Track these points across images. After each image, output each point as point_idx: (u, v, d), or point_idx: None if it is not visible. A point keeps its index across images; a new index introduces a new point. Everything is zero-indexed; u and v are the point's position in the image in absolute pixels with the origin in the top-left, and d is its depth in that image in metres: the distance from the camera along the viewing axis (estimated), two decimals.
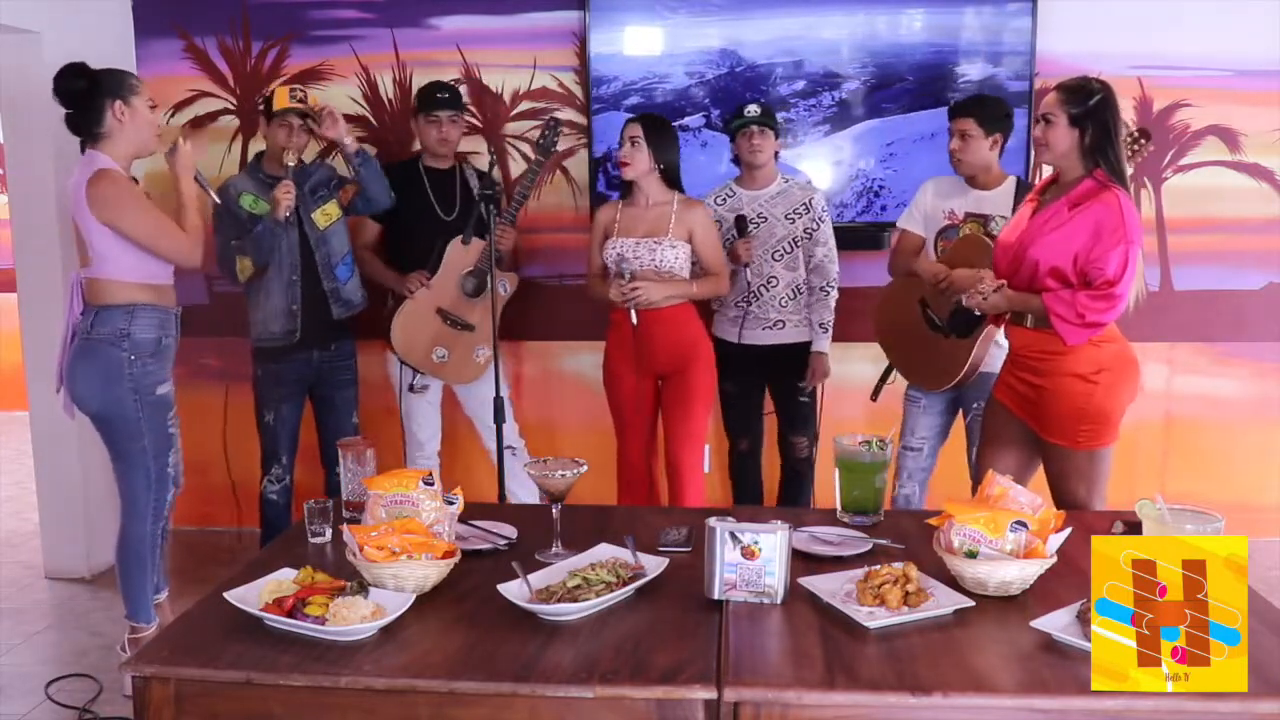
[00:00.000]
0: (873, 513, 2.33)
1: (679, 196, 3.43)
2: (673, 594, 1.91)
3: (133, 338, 2.93)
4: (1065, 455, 2.73)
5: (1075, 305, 2.62)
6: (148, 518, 3.03)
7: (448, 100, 3.71)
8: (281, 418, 3.64)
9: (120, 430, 2.97)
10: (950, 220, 3.38)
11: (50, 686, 3.08)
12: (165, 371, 3.02)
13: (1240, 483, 4.19)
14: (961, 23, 3.99)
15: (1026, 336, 2.78)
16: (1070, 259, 2.65)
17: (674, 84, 4.09)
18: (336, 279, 3.61)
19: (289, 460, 3.71)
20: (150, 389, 2.96)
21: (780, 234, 3.64)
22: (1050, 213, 2.71)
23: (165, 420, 3.02)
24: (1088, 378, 2.68)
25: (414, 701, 1.62)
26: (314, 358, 3.64)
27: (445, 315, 3.70)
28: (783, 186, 3.69)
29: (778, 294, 3.65)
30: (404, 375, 3.80)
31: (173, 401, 3.05)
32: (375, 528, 1.94)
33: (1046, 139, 2.71)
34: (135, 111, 2.93)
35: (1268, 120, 4.04)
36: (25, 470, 4.69)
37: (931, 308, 3.32)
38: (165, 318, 3.01)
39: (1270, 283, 4.16)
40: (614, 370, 3.53)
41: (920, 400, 3.48)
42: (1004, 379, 2.90)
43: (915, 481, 3.52)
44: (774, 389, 3.80)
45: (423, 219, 3.72)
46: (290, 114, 3.51)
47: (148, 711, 1.68)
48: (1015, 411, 2.83)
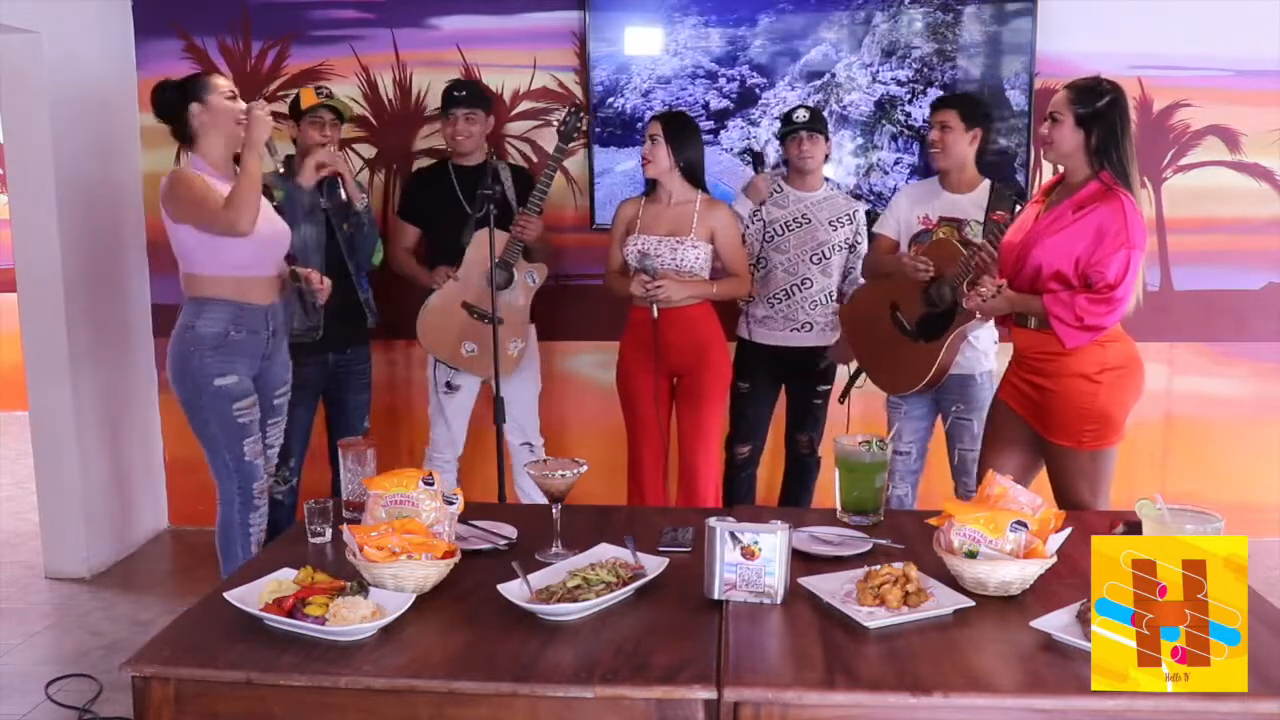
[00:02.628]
0: (873, 513, 2.33)
1: (702, 196, 3.43)
2: (673, 594, 1.91)
3: (196, 330, 3.02)
4: (1069, 455, 2.72)
5: (1074, 308, 2.62)
6: (233, 503, 3.09)
7: (464, 98, 3.71)
8: (294, 420, 3.60)
9: (191, 418, 3.07)
10: (924, 225, 3.39)
11: (50, 686, 3.08)
12: (231, 364, 3.03)
13: (1240, 483, 4.18)
14: (962, 22, 3.99)
15: (1030, 338, 2.77)
16: (1072, 262, 2.65)
17: (673, 84, 4.09)
18: (364, 289, 3.65)
19: (298, 463, 3.71)
20: (209, 380, 3.01)
21: (821, 238, 3.64)
22: (1055, 215, 2.70)
23: (229, 410, 3.03)
24: (1092, 377, 2.68)
25: (414, 701, 1.62)
26: (330, 360, 3.65)
27: (471, 309, 3.66)
28: (829, 193, 3.71)
29: (809, 296, 3.66)
30: (439, 374, 3.77)
31: (242, 393, 3.05)
32: (375, 528, 1.94)
33: (1051, 137, 2.71)
34: (212, 109, 3.04)
35: (1268, 120, 4.04)
36: (25, 470, 4.69)
37: (901, 311, 3.33)
38: (239, 312, 3.04)
39: (1270, 283, 4.16)
40: (629, 368, 3.51)
41: (902, 406, 3.49)
42: (1008, 379, 2.90)
43: (907, 483, 3.54)
44: (790, 390, 3.81)
45: (453, 218, 3.69)
46: (321, 110, 3.53)
47: (148, 711, 1.68)
48: (1019, 412, 2.83)
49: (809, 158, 3.60)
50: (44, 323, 3.90)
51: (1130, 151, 2.69)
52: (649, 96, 4.09)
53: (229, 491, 3.09)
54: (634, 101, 4.09)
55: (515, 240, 3.54)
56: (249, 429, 3.08)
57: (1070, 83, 2.76)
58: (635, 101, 4.09)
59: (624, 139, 4.15)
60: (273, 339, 3.13)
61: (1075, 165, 2.72)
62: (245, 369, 3.07)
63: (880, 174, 4.07)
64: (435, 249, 3.78)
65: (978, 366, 3.42)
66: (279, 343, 3.19)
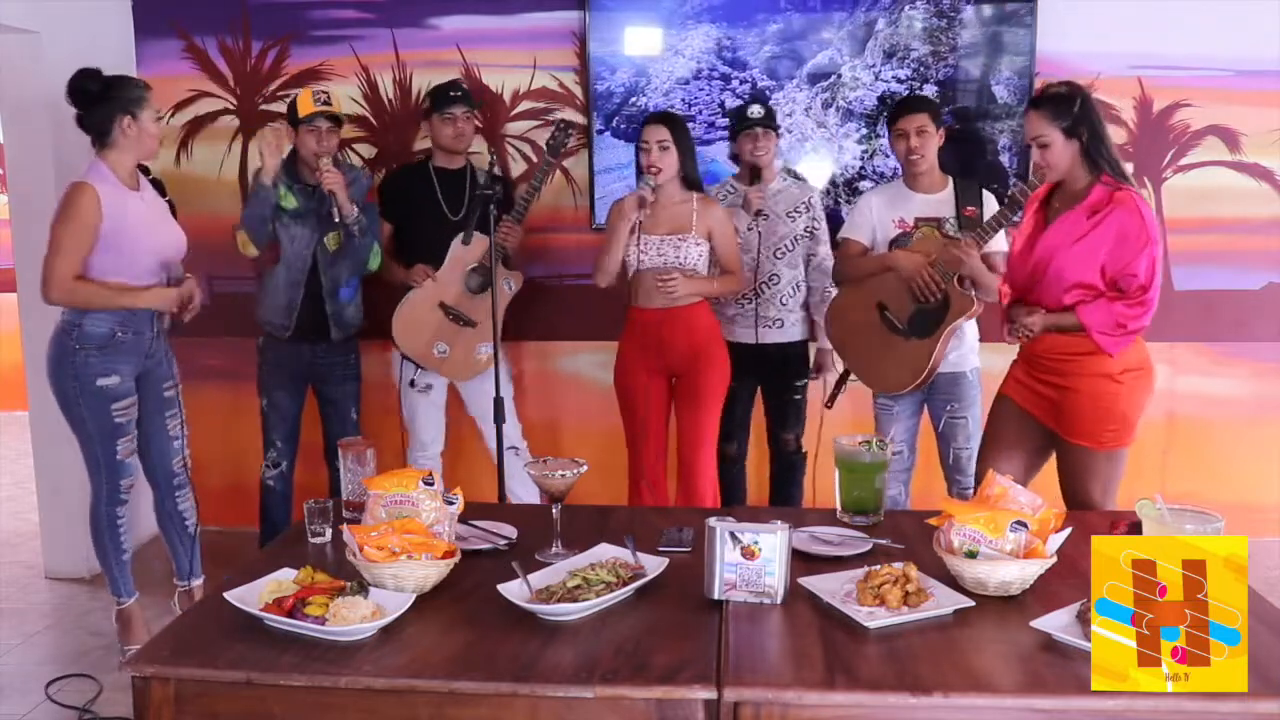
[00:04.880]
0: (873, 513, 2.33)
1: (697, 195, 3.43)
2: (673, 594, 1.91)
3: (83, 329, 3.10)
4: (1087, 456, 2.72)
5: (1114, 316, 2.63)
6: (101, 497, 3.23)
7: (461, 98, 3.73)
8: (275, 404, 3.72)
9: (67, 414, 3.18)
10: (902, 228, 3.40)
11: (50, 686, 3.08)
12: (114, 365, 3.14)
13: (1240, 483, 4.18)
14: (962, 23, 3.99)
15: (1046, 340, 2.77)
16: (1098, 269, 2.65)
17: (673, 84, 4.09)
18: (339, 301, 3.65)
19: (285, 446, 3.76)
20: (91, 379, 3.11)
21: (782, 232, 3.65)
22: (1069, 224, 2.69)
23: (108, 410, 3.15)
24: (1115, 378, 2.69)
25: (414, 701, 1.62)
26: (307, 352, 3.69)
27: (448, 310, 3.71)
28: (782, 185, 3.71)
29: (779, 291, 3.67)
30: (404, 370, 3.82)
31: (122, 393, 3.16)
32: (375, 528, 1.94)
33: (1048, 161, 2.70)
34: (141, 128, 3.13)
35: (1268, 120, 4.04)
36: (25, 470, 4.69)
37: (890, 310, 3.33)
38: (127, 315, 3.13)
39: (1270, 283, 4.15)
40: (628, 368, 3.51)
41: (892, 408, 3.49)
42: (1016, 378, 2.88)
43: (900, 482, 3.55)
44: (766, 387, 3.81)
45: (431, 219, 3.74)
46: (318, 118, 3.52)
47: (148, 711, 1.68)
48: (1032, 413, 2.82)
49: (763, 153, 3.60)
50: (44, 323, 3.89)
51: (1111, 140, 2.71)
52: (669, 96, 4.10)
53: (98, 485, 3.22)
54: (655, 100, 4.10)
55: (497, 246, 3.55)
56: (124, 429, 3.19)
57: (1036, 101, 2.74)
58: (657, 100, 4.10)
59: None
60: (156, 339, 3.24)
61: (1076, 174, 2.72)
62: (129, 369, 3.18)
63: (883, 156, 4.07)
64: (408, 248, 3.81)
65: (966, 364, 3.44)
66: (163, 340, 3.30)
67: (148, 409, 3.30)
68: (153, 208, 3.27)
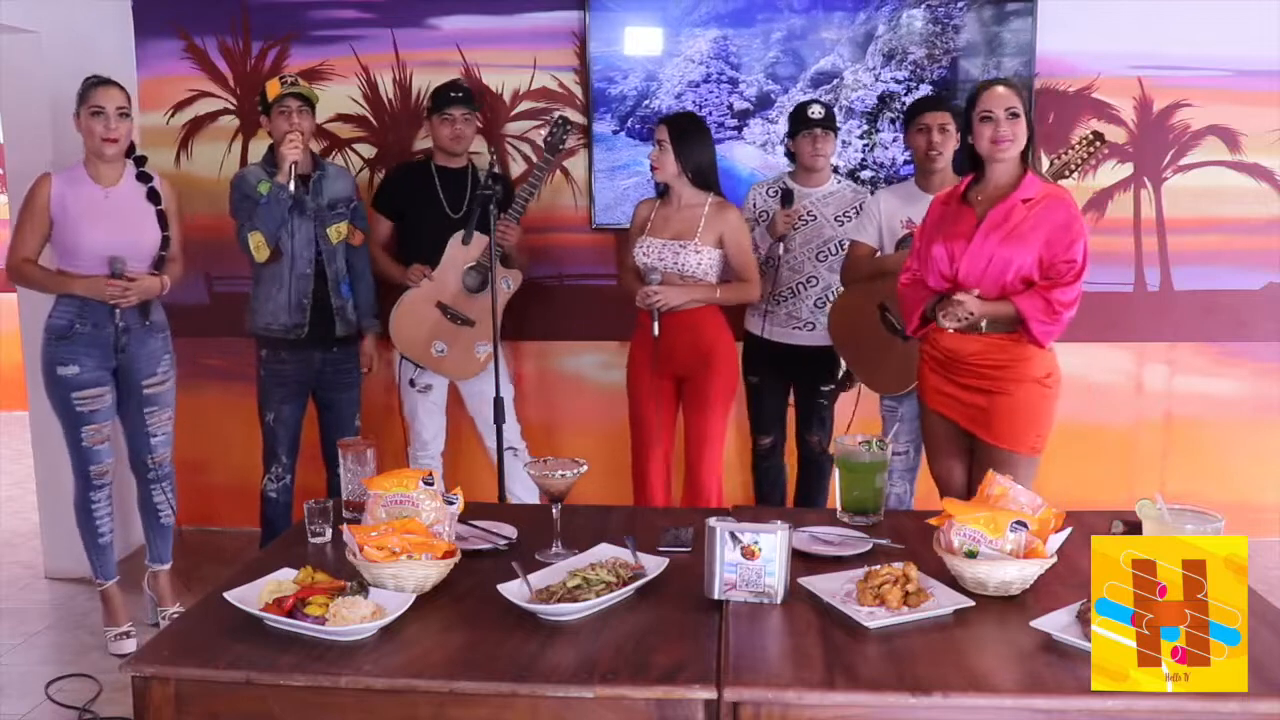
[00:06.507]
0: (873, 513, 2.33)
1: (712, 199, 3.38)
2: (673, 594, 1.91)
3: (51, 320, 3.27)
4: (1009, 461, 2.66)
5: (1051, 303, 2.61)
6: (77, 481, 3.36)
7: (462, 98, 3.73)
8: (282, 418, 3.65)
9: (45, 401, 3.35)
10: (909, 229, 3.38)
11: (50, 686, 3.08)
12: (74, 356, 3.24)
13: (1240, 483, 4.18)
14: (961, 24, 3.99)
15: (979, 343, 2.73)
16: (1036, 260, 2.65)
17: (673, 84, 4.09)
18: (342, 296, 3.63)
19: (289, 460, 3.71)
20: (53, 368, 3.26)
21: (827, 234, 3.64)
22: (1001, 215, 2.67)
23: (69, 398, 3.26)
24: (1043, 382, 2.71)
25: (414, 701, 1.62)
26: (316, 359, 3.63)
27: (445, 309, 3.71)
28: (835, 187, 3.69)
29: (814, 294, 3.66)
30: (404, 370, 3.81)
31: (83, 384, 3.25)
32: (375, 528, 1.95)
33: (1015, 134, 2.66)
34: (82, 124, 3.23)
35: (1268, 120, 4.04)
36: (25, 470, 4.69)
37: (890, 311, 3.33)
38: (83, 306, 3.22)
39: (1270, 283, 4.15)
40: (636, 371, 3.50)
41: (897, 409, 3.48)
42: (937, 389, 2.84)
43: (905, 481, 3.54)
44: (797, 388, 3.81)
45: (432, 218, 3.74)
46: (287, 99, 3.46)
47: (148, 711, 1.68)
48: (959, 422, 2.81)
49: (820, 155, 3.59)
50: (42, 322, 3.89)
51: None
52: (681, 99, 4.10)
53: (75, 470, 3.36)
54: (668, 102, 4.10)
55: (495, 245, 3.54)
56: (88, 418, 3.29)
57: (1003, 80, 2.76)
58: (669, 103, 4.10)
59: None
60: (125, 334, 3.26)
61: (1014, 164, 2.71)
62: (94, 361, 3.27)
63: (882, 149, 4.07)
64: (410, 246, 3.81)
65: None
66: (141, 335, 3.32)
67: (126, 404, 3.37)
68: (118, 204, 3.28)
